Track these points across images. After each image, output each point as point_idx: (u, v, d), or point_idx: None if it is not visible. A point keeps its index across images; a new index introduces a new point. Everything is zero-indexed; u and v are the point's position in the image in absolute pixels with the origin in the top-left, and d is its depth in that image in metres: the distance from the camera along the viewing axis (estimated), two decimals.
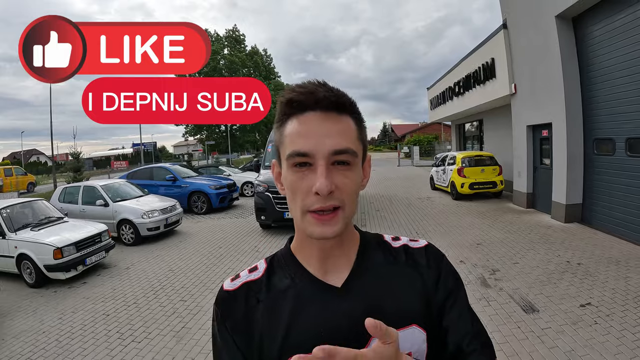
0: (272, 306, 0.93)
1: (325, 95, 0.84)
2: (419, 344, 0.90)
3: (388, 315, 0.84)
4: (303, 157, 0.83)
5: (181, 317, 5.50)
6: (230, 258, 8.33)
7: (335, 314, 0.89)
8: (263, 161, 11.95)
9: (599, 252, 7.05)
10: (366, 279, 0.94)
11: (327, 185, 0.79)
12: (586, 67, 8.82)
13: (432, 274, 0.96)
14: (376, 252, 0.99)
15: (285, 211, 9.97)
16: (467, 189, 13.22)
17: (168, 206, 10.97)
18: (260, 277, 0.99)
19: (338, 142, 0.83)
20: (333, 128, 0.84)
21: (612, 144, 8.11)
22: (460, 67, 16.55)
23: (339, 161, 0.83)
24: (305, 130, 0.83)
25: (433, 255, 0.99)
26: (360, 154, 0.89)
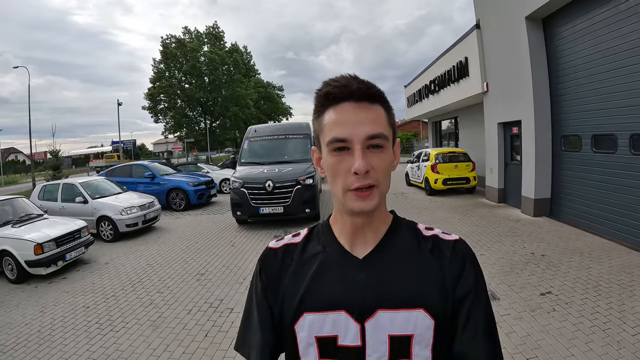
0: (300, 268, 1.05)
1: (357, 87, 0.93)
2: (424, 329, 0.94)
3: (397, 292, 0.95)
4: (341, 143, 0.92)
5: (157, 308, 5.68)
6: (206, 252, 8.51)
7: (351, 281, 0.98)
8: (239, 158, 12.02)
9: (564, 244, 7.32)
10: (388, 256, 1.01)
11: (364, 166, 0.89)
12: (555, 67, 9.11)
13: (454, 268, 0.99)
14: (404, 235, 1.05)
15: (260, 206, 10.10)
16: (441, 184, 13.49)
17: (146, 203, 11.09)
18: (299, 241, 1.11)
19: (371, 128, 0.92)
20: (366, 116, 0.93)
21: (579, 140, 8.40)
22: (436, 65, 16.81)
23: (373, 145, 0.93)
24: (342, 119, 0.93)
25: (460, 251, 1.02)
26: (391, 138, 0.99)
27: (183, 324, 5.12)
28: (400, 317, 0.94)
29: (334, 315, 0.97)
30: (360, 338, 0.95)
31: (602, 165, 7.70)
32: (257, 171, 10.72)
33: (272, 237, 9.22)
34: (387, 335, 0.94)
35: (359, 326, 0.95)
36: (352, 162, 0.90)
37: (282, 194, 10.09)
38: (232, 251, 8.44)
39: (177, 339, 4.76)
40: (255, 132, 12.39)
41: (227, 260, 7.82)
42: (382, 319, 0.94)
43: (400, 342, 0.94)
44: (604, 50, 7.43)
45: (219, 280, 6.66)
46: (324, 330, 0.97)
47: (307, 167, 10.66)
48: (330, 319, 0.97)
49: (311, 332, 0.99)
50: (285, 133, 12.06)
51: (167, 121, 47.90)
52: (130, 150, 57.04)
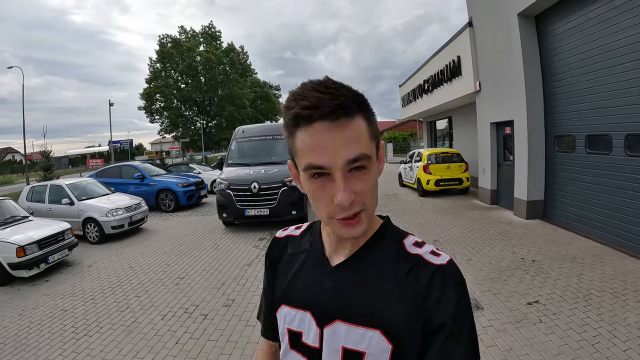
0: (290, 261, 1.10)
1: (330, 105, 0.80)
2: (377, 351, 0.89)
3: (357, 308, 0.93)
4: (319, 169, 0.84)
5: (133, 312, 5.62)
6: (189, 255, 8.39)
7: (322, 287, 0.99)
8: (226, 159, 11.78)
9: (556, 248, 7.04)
10: (358, 269, 0.97)
11: (347, 198, 0.83)
12: (548, 65, 8.84)
13: (430, 297, 0.90)
14: (384, 250, 0.99)
15: (246, 208, 9.87)
16: (433, 185, 13.21)
17: (133, 204, 11.00)
18: (297, 235, 1.16)
19: (351, 151, 0.83)
20: (344, 137, 0.82)
21: (573, 141, 8.13)
22: (429, 64, 16.52)
23: (355, 167, 0.85)
24: (317, 144, 0.83)
25: (440, 278, 0.91)
26: (375, 152, 0.91)
27: (156, 330, 5.04)
28: (355, 333, 0.92)
29: (301, 314, 1.01)
30: (319, 341, 0.97)
31: (596, 167, 7.43)
32: (243, 172, 10.47)
33: (257, 240, 9.23)
34: (340, 346, 0.94)
35: (318, 330, 0.97)
36: (334, 191, 0.84)
37: (268, 195, 9.84)
38: (215, 254, 8.31)
39: (148, 345, 4.70)
40: (243, 133, 12.13)
41: (209, 263, 7.69)
42: (339, 329, 0.94)
43: (352, 356, 0.92)
44: (598, 47, 7.16)
45: (198, 285, 6.53)
46: (293, 325, 1.03)
47: None
48: (298, 316, 1.01)
49: (284, 323, 1.05)
50: (274, 134, 11.79)
51: (162, 121, 47.88)
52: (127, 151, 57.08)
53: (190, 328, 5.03)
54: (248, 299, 5.83)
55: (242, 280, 6.64)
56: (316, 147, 0.83)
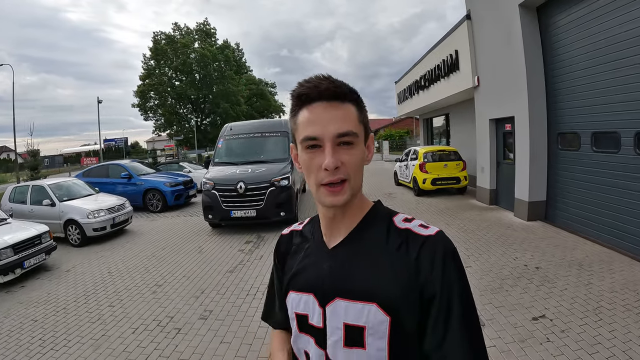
0: (296, 251, 1.21)
1: (327, 87, 0.98)
2: (376, 323, 0.96)
3: (354, 284, 1.00)
4: (313, 141, 0.98)
5: (104, 324, 5.30)
6: (170, 260, 8.02)
7: (321, 270, 1.08)
8: (213, 157, 11.29)
9: (560, 253, 6.58)
10: (352, 249, 1.05)
11: (333, 162, 0.95)
12: (550, 59, 8.36)
13: (421, 268, 0.95)
14: (376, 228, 1.06)
15: (232, 210, 9.41)
16: (429, 184, 12.72)
17: (115, 205, 10.65)
18: (300, 229, 1.28)
19: (340, 126, 0.97)
20: (336, 114, 0.98)
21: (577, 138, 7.65)
22: (426, 60, 16.03)
23: (344, 142, 0.97)
24: (314, 118, 0.98)
25: (430, 248, 0.97)
26: (362, 135, 1.03)
27: (125, 345, 4.71)
28: (354, 308, 0.99)
29: (306, 296, 1.10)
30: (322, 320, 1.05)
31: (603, 166, 6.97)
32: (229, 172, 10.00)
33: (243, 243, 8.84)
34: (342, 323, 1.00)
35: (321, 310, 1.05)
36: (323, 159, 0.96)
37: (255, 196, 9.36)
38: (198, 259, 7.93)
39: None
40: (231, 130, 11.64)
41: (191, 269, 7.32)
42: (339, 306, 1.01)
43: (353, 331, 0.98)
44: (604, 39, 6.70)
45: (175, 294, 6.16)
46: (299, 308, 1.12)
47: (282, 167, 9.93)
48: (303, 300, 1.10)
49: (292, 308, 1.14)
50: (262, 131, 11.32)
51: (156, 119, 47.58)
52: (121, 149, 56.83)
53: (162, 344, 4.65)
54: (226, 310, 5.46)
55: (223, 289, 6.26)
56: (313, 120, 0.97)
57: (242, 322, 5.07)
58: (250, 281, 6.48)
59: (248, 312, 5.35)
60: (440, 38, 14.03)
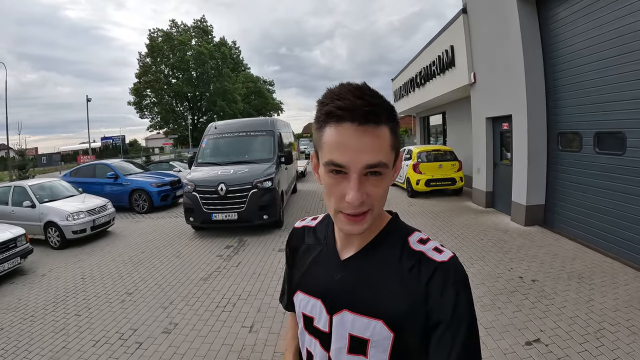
0: (307, 250, 1.22)
1: (362, 109, 0.86)
2: (380, 338, 0.97)
3: (362, 299, 1.01)
4: (338, 167, 0.90)
5: (67, 335, 5.04)
6: (146, 265, 7.69)
7: (332, 279, 1.08)
8: (196, 158, 10.77)
9: (559, 264, 6.08)
10: (365, 264, 1.04)
11: (358, 199, 0.89)
12: (550, 54, 7.84)
13: (430, 293, 0.94)
14: (389, 245, 1.04)
15: (213, 212, 8.93)
16: (423, 186, 12.19)
17: (96, 207, 10.28)
18: (313, 225, 1.27)
19: (371, 157, 0.88)
20: (368, 143, 0.88)
21: (579, 139, 7.14)
22: (421, 56, 15.51)
23: (372, 172, 0.90)
24: (342, 143, 0.88)
25: (441, 275, 0.95)
26: (392, 162, 0.96)
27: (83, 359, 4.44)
28: (360, 322, 0.99)
29: (314, 301, 1.11)
30: (328, 326, 1.06)
31: (606, 169, 6.46)
32: (210, 173, 9.50)
33: (224, 247, 8.41)
34: (347, 333, 1.01)
35: (328, 317, 1.06)
36: (347, 190, 0.90)
37: (236, 198, 8.87)
38: (174, 264, 7.57)
39: None
40: (216, 129, 11.14)
41: (164, 276, 6.96)
42: (346, 318, 1.02)
43: (358, 342, 1.00)
44: (608, 32, 6.19)
45: (144, 304, 5.84)
46: (306, 310, 1.13)
47: (266, 167, 9.43)
48: (311, 303, 1.12)
49: (299, 308, 1.16)
50: (247, 130, 10.81)
51: (152, 117, 47.23)
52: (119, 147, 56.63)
53: None
54: (192, 324, 5.07)
55: (193, 299, 5.86)
56: (341, 146, 0.88)
57: (206, 338, 4.69)
58: (222, 291, 6.08)
59: (214, 326, 4.97)
60: (436, 34, 13.50)
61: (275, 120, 11.29)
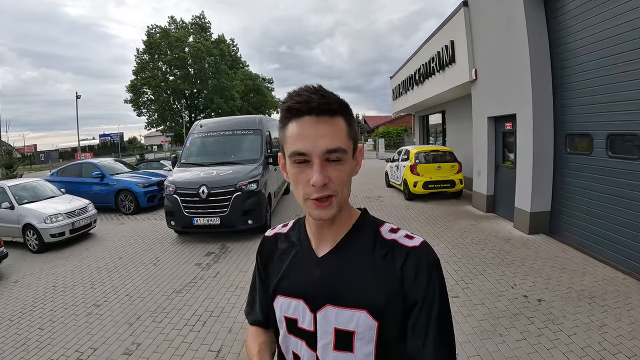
0: (282, 255, 1.20)
1: (318, 102, 0.95)
2: (365, 328, 1.00)
3: (345, 292, 1.03)
4: (301, 156, 0.96)
5: (26, 352, 4.69)
6: (121, 273, 7.23)
7: (311, 277, 1.08)
8: (179, 158, 10.17)
9: (568, 280, 5.48)
10: (341, 258, 1.07)
11: (321, 180, 0.93)
12: (558, 48, 7.23)
13: (405, 277, 0.99)
14: (363, 238, 1.08)
15: (194, 216, 8.34)
16: (421, 188, 11.56)
17: (76, 209, 9.82)
18: (285, 232, 1.26)
19: (330, 142, 0.95)
20: (325, 130, 0.95)
21: (590, 141, 6.53)
22: (420, 53, 14.88)
23: (332, 158, 0.96)
24: (303, 133, 0.95)
25: (414, 258, 1.00)
26: (351, 149, 1.02)
27: None
28: (344, 315, 1.01)
29: (295, 302, 1.10)
30: (313, 325, 1.06)
31: (619, 174, 5.86)
32: (192, 174, 8.90)
33: (204, 255, 7.87)
34: (332, 327, 1.03)
35: (312, 315, 1.07)
36: (311, 175, 0.94)
37: (219, 201, 8.28)
38: (149, 273, 7.09)
39: None
40: (201, 128, 10.53)
41: (137, 286, 6.51)
42: (330, 312, 1.03)
43: (343, 335, 1.02)
44: (622, 25, 5.61)
45: (110, 318, 5.38)
46: (289, 312, 1.12)
47: (251, 169, 8.83)
48: (293, 305, 1.11)
49: (281, 312, 1.14)
50: (234, 129, 10.19)
51: (150, 114, 46.74)
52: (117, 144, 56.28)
53: None
54: (156, 345, 4.61)
55: (161, 315, 5.36)
56: (302, 135, 0.95)
57: None
58: (194, 306, 5.55)
59: (179, 349, 4.47)
60: (436, 29, 12.86)
61: (263, 118, 10.67)
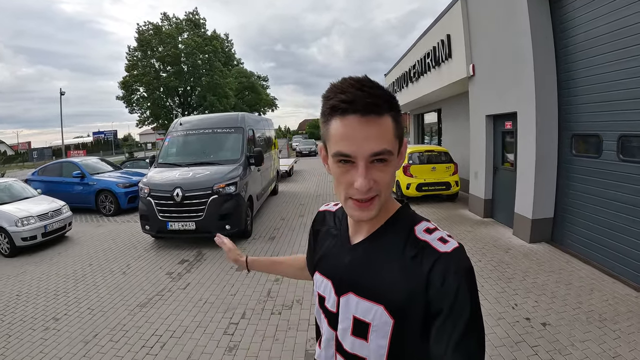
0: (325, 234, 1.28)
1: (364, 101, 0.90)
2: (381, 323, 1.00)
3: (367, 283, 1.04)
4: (346, 157, 0.93)
5: None
6: (88, 282, 6.64)
7: (342, 262, 1.13)
8: (157, 158, 9.55)
9: (575, 298, 4.89)
10: (371, 250, 1.07)
11: (365, 185, 0.92)
12: (563, 41, 6.63)
13: (432, 282, 0.94)
14: (396, 234, 1.06)
15: (169, 221, 7.71)
16: (414, 190, 10.95)
17: (49, 211, 9.21)
18: (334, 210, 1.33)
19: (376, 145, 0.91)
20: (372, 131, 0.91)
21: (598, 142, 5.94)
22: (415, 49, 14.28)
23: (377, 159, 0.93)
24: (348, 134, 0.92)
25: (443, 265, 0.95)
26: (397, 149, 0.99)
27: None
28: (363, 305, 1.03)
29: (326, 281, 1.17)
30: (336, 307, 1.11)
31: (632, 180, 5.27)
32: (167, 176, 8.26)
33: (177, 263, 7.24)
34: (352, 315, 1.06)
35: (336, 298, 1.12)
36: (355, 177, 0.93)
37: (194, 205, 7.65)
38: (117, 282, 6.51)
39: None
40: (181, 126, 9.90)
41: (101, 297, 5.95)
42: (351, 300, 1.06)
43: (360, 324, 1.03)
44: (635, 14, 5.03)
45: (67, 334, 4.86)
46: (320, 289, 1.20)
47: (230, 170, 8.20)
48: (324, 283, 1.18)
49: (316, 286, 1.23)
50: (214, 127, 9.55)
51: (142, 111, 46.00)
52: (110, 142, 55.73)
53: None
54: None
55: (120, 333, 4.82)
56: (346, 137, 0.91)
57: None
58: (156, 324, 4.97)
59: None
60: (431, 23, 12.24)
61: (246, 116, 10.03)
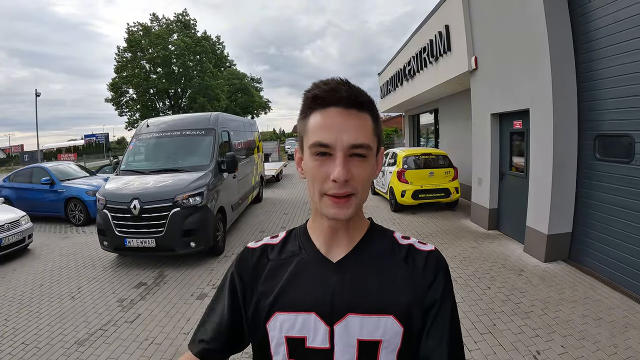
0: (277, 268, 1.05)
1: (347, 93, 0.89)
2: (392, 336, 0.93)
3: (368, 297, 0.95)
4: (324, 148, 0.89)
5: None
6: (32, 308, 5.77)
7: (324, 284, 0.97)
8: (120, 163, 8.54)
9: (607, 338, 3.91)
10: (361, 262, 1.00)
11: (343, 174, 0.86)
12: (582, 26, 5.67)
13: (426, 278, 0.97)
14: (380, 242, 1.04)
15: (127, 237, 6.70)
16: (410, 198, 9.95)
17: (4, 223, 8.36)
18: (277, 242, 1.12)
19: (356, 136, 0.89)
20: (352, 123, 0.89)
21: (629, 144, 4.96)
22: (410, 44, 13.35)
23: (356, 154, 0.89)
24: (328, 124, 0.89)
25: (433, 261, 1.00)
26: (375, 148, 0.96)
27: None
28: (370, 323, 0.94)
29: (304, 316, 0.97)
30: (329, 340, 0.95)
31: None
32: (125, 185, 7.27)
33: (133, 286, 6.26)
34: (356, 339, 0.94)
35: (328, 328, 0.95)
36: (332, 169, 0.89)
37: (153, 219, 6.62)
38: (63, 309, 5.63)
39: None
40: (148, 128, 8.91)
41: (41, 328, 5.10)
42: (352, 323, 0.94)
43: (368, 347, 0.93)
44: None
45: None
46: (293, 331, 0.97)
47: (196, 178, 7.17)
48: (300, 320, 0.97)
49: (282, 332, 0.99)
50: (182, 128, 8.57)
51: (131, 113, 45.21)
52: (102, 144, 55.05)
53: None
54: None
55: None
56: (326, 126, 0.88)
57: None
58: None
59: None
60: (429, 13, 11.26)
61: (220, 116, 9.00)
